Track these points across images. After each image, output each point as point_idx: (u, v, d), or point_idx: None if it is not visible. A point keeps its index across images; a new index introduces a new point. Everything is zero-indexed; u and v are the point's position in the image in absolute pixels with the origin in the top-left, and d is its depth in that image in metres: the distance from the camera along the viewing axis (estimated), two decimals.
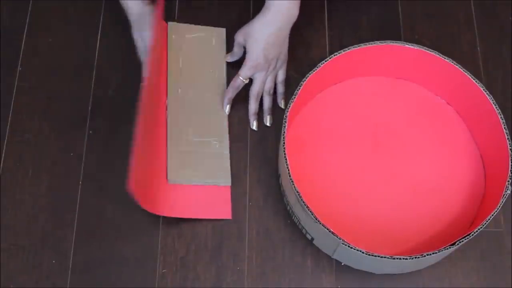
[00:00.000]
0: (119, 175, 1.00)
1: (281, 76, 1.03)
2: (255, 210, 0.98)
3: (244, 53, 1.02)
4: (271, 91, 1.03)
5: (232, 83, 1.01)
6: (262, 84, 1.01)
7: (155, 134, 1.00)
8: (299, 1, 0.97)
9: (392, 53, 1.00)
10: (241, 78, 1.00)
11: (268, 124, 1.02)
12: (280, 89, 1.03)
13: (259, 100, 1.02)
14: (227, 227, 0.97)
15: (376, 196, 0.98)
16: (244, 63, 1.00)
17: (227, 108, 1.02)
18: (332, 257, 0.95)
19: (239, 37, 1.02)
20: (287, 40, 1.01)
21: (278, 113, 1.01)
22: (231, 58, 1.05)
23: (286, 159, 0.90)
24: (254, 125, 1.02)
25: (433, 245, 0.92)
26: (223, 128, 1.02)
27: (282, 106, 1.03)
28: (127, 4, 1.01)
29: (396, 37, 1.09)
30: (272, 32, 0.97)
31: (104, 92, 1.06)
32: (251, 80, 1.01)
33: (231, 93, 1.02)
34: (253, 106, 1.02)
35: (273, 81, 1.02)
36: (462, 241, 0.87)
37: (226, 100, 1.02)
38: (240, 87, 1.02)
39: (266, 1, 0.97)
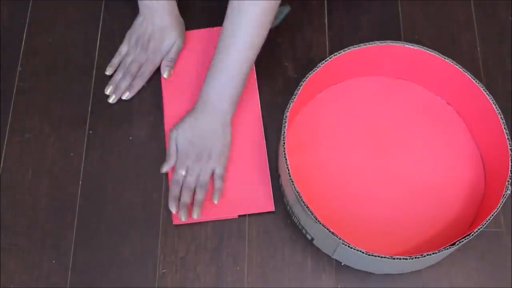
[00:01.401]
0: (119, 175, 1.00)
1: (217, 171, 0.97)
2: None
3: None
4: (205, 185, 0.97)
5: (172, 179, 0.97)
6: (193, 177, 0.96)
7: None
8: (232, 99, 0.95)
9: (392, 53, 1.00)
10: (178, 170, 0.97)
11: (195, 216, 0.95)
12: (217, 184, 0.97)
13: (191, 192, 0.97)
14: (227, 227, 0.97)
15: (376, 196, 0.98)
16: None
17: (174, 208, 0.96)
18: (332, 257, 0.95)
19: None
20: (220, 138, 0.97)
21: (278, 113, 1.01)
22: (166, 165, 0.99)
23: (286, 159, 0.90)
24: (183, 217, 0.95)
25: (433, 245, 0.92)
26: None
27: (215, 201, 0.96)
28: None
29: (396, 37, 1.09)
30: (190, 123, 0.96)
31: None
32: None
33: (173, 191, 0.97)
34: (183, 198, 0.96)
35: (207, 175, 0.97)
36: (462, 241, 0.87)
37: (172, 200, 0.96)
38: (180, 181, 0.97)
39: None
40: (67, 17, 1.11)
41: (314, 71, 0.96)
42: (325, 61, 0.96)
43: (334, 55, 0.97)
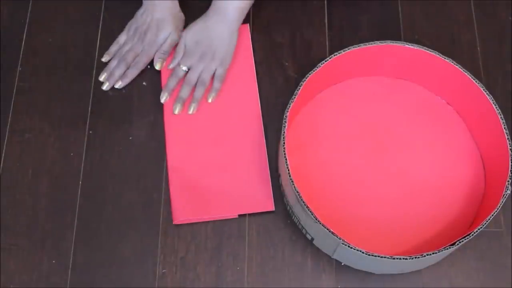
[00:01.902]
0: (119, 175, 1.00)
1: (219, 71, 1.04)
2: None
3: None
4: (206, 83, 1.03)
5: (172, 73, 1.04)
6: (195, 74, 1.03)
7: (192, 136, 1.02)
8: (241, 9, 1.02)
9: (392, 53, 1.00)
10: (181, 66, 1.04)
11: (190, 112, 1.03)
12: (216, 84, 1.04)
13: (190, 88, 1.03)
14: (227, 227, 0.97)
15: (376, 196, 0.98)
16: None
17: (165, 97, 1.03)
18: (332, 257, 0.95)
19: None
20: (225, 41, 1.03)
21: (278, 113, 1.01)
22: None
23: (286, 159, 0.90)
24: (176, 110, 1.02)
25: (433, 245, 0.92)
26: None
27: (209, 100, 1.03)
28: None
29: (396, 37, 1.09)
30: (200, 25, 1.03)
31: (104, 92, 1.06)
32: None
33: (170, 83, 1.04)
34: (182, 92, 1.03)
35: (209, 74, 1.03)
36: (462, 241, 0.87)
37: (166, 90, 1.03)
38: (180, 76, 1.04)
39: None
40: (67, 17, 1.11)
41: (314, 71, 0.96)
42: (325, 61, 0.96)
43: (334, 55, 0.97)
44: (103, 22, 1.11)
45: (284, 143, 0.91)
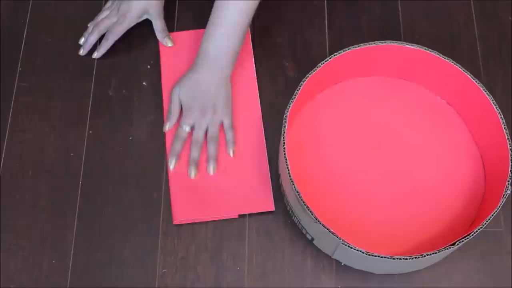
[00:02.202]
0: (119, 175, 1.00)
1: (226, 122, 1.00)
2: None
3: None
4: (216, 138, 0.99)
5: (175, 135, 1.00)
6: (201, 131, 0.98)
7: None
8: (231, 55, 0.97)
9: (392, 53, 1.00)
10: (183, 126, 0.99)
11: (211, 173, 0.98)
12: (228, 136, 1.00)
13: (200, 147, 0.99)
14: (227, 227, 0.97)
15: (376, 196, 0.98)
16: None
17: (173, 163, 0.98)
18: (332, 257, 0.95)
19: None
20: (222, 90, 0.99)
21: (278, 113, 1.01)
22: (168, 124, 1.01)
23: (286, 159, 0.90)
24: (192, 174, 0.98)
25: (433, 245, 0.92)
26: None
27: (230, 155, 0.99)
28: None
29: (396, 37, 1.09)
30: (192, 78, 0.98)
31: (104, 92, 1.06)
32: None
33: (175, 146, 0.99)
34: (193, 154, 0.98)
35: (216, 128, 0.99)
36: (462, 241, 0.87)
37: (173, 155, 0.98)
38: (184, 137, 0.99)
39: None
40: (67, 17, 1.11)
41: (314, 71, 0.96)
42: (325, 61, 0.96)
43: (334, 55, 0.97)
44: None
45: (284, 143, 0.91)
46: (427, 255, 0.86)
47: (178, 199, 0.97)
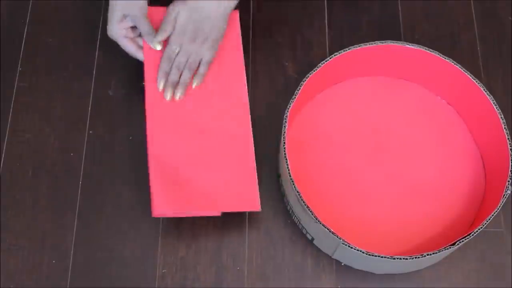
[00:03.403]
0: (119, 175, 1.00)
1: (207, 57, 0.99)
2: None
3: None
4: (194, 67, 0.98)
5: (164, 54, 0.99)
6: (184, 57, 0.98)
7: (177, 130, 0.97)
8: None
9: (392, 53, 1.00)
10: (172, 46, 0.98)
11: (176, 97, 0.98)
12: (202, 70, 0.99)
13: (180, 71, 0.98)
14: (227, 227, 0.97)
15: (376, 196, 0.98)
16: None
17: (162, 83, 0.98)
18: (332, 257, 0.95)
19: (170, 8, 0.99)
20: (218, 25, 0.98)
21: (278, 113, 1.01)
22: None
23: (286, 159, 0.90)
24: (168, 95, 0.97)
25: (433, 245, 0.92)
26: None
27: (193, 86, 0.98)
28: None
29: (396, 37, 1.09)
30: (196, 4, 0.97)
31: (104, 92, 1.06)
32: None
33: (164, 66, 0.98)
34: (171, 77, 0.98)
35: (198, 58, 0.98)
36: (462, 241, 0.87)
37: (162, 74, 0.98)
38: (172, 58, 0.98)
39: None
40: (67, 17, 1.11)
41: (314, 71, 0.96)
42: (325, 61, 0.96)
43: (334, 55, 0.97)
44: (103, 22, 1.11)
45: (284, 143, 0.91)
46: (427, 255, 0.86)
47: (159, 190, 0.92)
